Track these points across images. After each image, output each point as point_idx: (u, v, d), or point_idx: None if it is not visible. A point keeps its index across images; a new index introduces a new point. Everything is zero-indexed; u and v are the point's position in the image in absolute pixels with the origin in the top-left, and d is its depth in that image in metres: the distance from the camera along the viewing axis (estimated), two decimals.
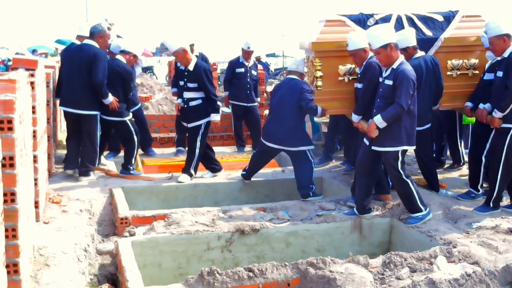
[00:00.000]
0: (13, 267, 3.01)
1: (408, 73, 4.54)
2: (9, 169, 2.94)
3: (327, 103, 5.40)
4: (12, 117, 2.93)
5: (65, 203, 5.02)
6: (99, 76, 5.65)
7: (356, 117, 5.03)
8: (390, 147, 4.65)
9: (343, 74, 5.33)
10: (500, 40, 4.81)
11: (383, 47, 4.56)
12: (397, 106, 4.52)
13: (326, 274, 3.57)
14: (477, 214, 4.92)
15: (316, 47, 5.25)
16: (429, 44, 5.48)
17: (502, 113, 4.76)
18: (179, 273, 4.37)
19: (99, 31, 5.83)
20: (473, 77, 5.60)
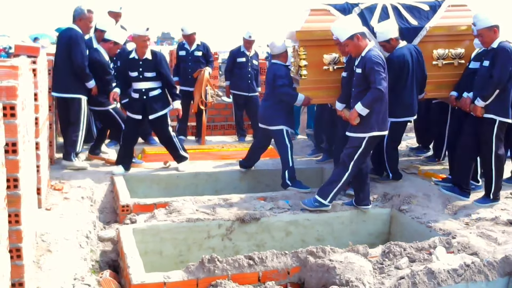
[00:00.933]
0: (16, 252, 3.02)
1: (375, 57, 4.56)
2: (12, 155, 2.95)
3: (312, 92, 5.40)
4: (14, 104, 2.94)
5: (67, 190, 5.04)
6: (77, 59, 5.63)
7: (339, 105, 5.01)
8: (358, 132, 4.69)
9: (327, 63, 5.31)
10: (491, 31, 4.80)
11: (350, 38, 4.61)
12: (375, 91, 4.55)
13: (326, 262, 3.60)
14: (477, 206, 4.94)
15: (301, 36, 5.24)
16: (414, 34, 5.47)
17: (484, 102, 4.79)
18: (180, 260, 4.41)
19: (78, 14, 5.77)
20: (459, 66, 5.59)
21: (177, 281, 3.39)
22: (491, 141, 4.85)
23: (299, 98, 5.39)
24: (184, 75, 7.69)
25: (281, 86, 5.40)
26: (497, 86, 4.72)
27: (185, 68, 7.67)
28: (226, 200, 5.07)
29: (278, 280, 3.64)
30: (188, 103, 7.75)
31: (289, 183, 5.47)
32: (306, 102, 5.51)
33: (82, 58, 5.67)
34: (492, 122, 4.84)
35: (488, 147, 4.88)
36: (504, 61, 4.68)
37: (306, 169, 6.32)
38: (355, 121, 4.66)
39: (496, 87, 4.72)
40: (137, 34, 5.59)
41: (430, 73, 5.47)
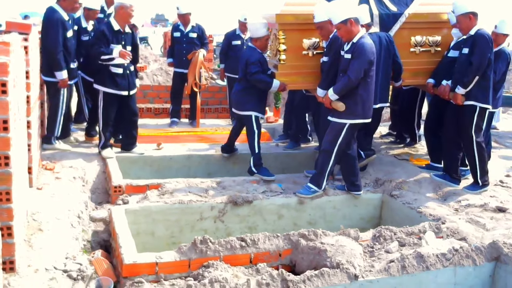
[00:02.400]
0: (7, 230, 3.02)
1: (367, 46, 4.52)
2: (3, 133, 2.93)
3: (290, 77, 5.27)
4: (6, 80, 2.90)
5: (58, 170, 5.01)
6: (49, 42, 5.38)
7: (321, 91, 4.92)
8: (338, 118, 4.68)
9: (307, 48, 5.20)
10: (466, 18, 4.81)
11: (343, 22, 4.52)
12: (346, 78, 4.54)
13: (317, 245, 3.63)
14: (467, 192, 4.98)
15: (280, 19, 5.10)
16: (393, 20, 5.44)
17: (465, 89, 4.82)
18: (172, 241, 4.42)
19: None
20: (436, 54, 5.60)
21: (169, 261, 3.40)
22: (471, 129, 4.87)
23: (274, 84, 5.26)
24: (178, 56, 7.62)
25: (254, 74, 5.25)
26: (477, 72, 4.74)
27: (180, 50, 7.60)
28: (219, 183, 5.07)
29: (269, 262, 3.67)
30: (182, 85, 7.70)
31: (255, 170, 5.36)
32: (281, 88, 5.36)
33: (55, 42, 5.37)
34: (472, 110, 4.86)
35: (467, 135, 4.91)
36: (483, 47, 4.71)
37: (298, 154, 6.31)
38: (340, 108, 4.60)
39: (476, 74, 4.75)
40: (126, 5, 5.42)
41: (407, 60, 5.44)
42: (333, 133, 4.72)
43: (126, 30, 5.57)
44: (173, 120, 7.75)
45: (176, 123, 7.71)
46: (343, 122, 4.67)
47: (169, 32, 11.76)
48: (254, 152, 5.42)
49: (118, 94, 5.54)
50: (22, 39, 4.16)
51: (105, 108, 5.56)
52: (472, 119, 4.88)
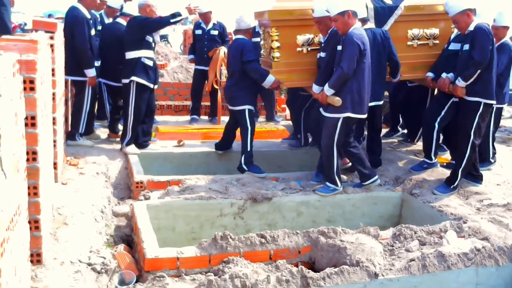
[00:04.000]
0: (34, 223, 3.10)
1: (355, 37, 4.43)
2: (31, 129, 3.00)
3: (285, 75, 5.17)
4: (34, 77, 2.97)
5: (82, 166, 5.12)
6: (80, 40, 5.51)
7: (316, 88, 4.81)
8: (332, 113, 4.61)
9: (301, 44, 5.09)
10: (464, 15, 4.71)
11: (341, 14, 4.45)
12: (339, 70, 4.47)
13: (337, 243, 3.64)
14: (437, 194, 4.86)
15: (273, 16, 4.99)
16: (389, 13, 5.33)
17: (465, 82, 4.71)
18: (192, 237, 4.48)
19: None
20: (434, 47, 5.48)
21: (190, 257, 3.45)
22: (471, 128, 4.74)
23: (268, 79, 5.18)
24: (200, 54, 7.69)
25: (251, 62, 5.16)
26: (478, 66, 4.62)
27: (201, 47, 7.66)
28: (238, 180, 5.11)
29: (289, 258, 3.70)
30: (203, 82, 7.76)
31: (245, 167, 5.32)
32: (275, 85, 5.27)
33: (83, 40, 5.54)
34: (475, 108, 4.72)
35: (466, 134, 4.78)
36: (483, 41, 4.59)
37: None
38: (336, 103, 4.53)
39: (478, 67, 4.62)
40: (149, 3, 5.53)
41: (405, 53, 5.35)
42: (329, 130, 4.67)
43: None
44: (193, 117, 7.81)
45: (196, 120, 7.77)
46: (336, 117, 4.59)
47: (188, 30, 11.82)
48: (246, 149, 5.35)
49: (149, 86, 5.62)
50: (48, 37, 4.25)
51: (137, 102, 5.60)
52: (473, 119, 4.74)
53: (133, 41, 5.54)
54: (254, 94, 5.48)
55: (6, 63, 2.30)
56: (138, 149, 5.71)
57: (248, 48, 5.26)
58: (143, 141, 5.86)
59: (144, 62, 5.55)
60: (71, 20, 5.56)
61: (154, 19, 5.55)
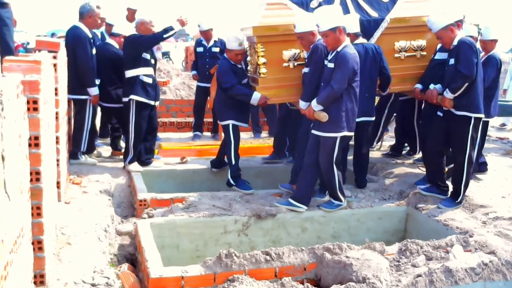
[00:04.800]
0: (38, 244, 3.08)
1: (349, 55, 4.41)
2: (34, 149, 3.00)
3: (273, 91, 5.14)
4: (37, 98, 2.98)
5: (85, 184, 5.11)
6: (79, 60, 5.53)
7: (303, 104, 4.78)
8: (330, 132, 4.57)
9: (287, 59, 5.05)
10: (447, 31, 4.71)
11: (332, 29, 4.43)
12: (329, 88, 4.44)
13: (343, 259, 3.61)
14: (442, 208, 4.81)
15: (258, 32, 4.96)
16: (375, 26, 5.33)
17: (453, 94, 4.69)
18: (196, 255, 4.45)
19: (88, 11, 5.68)
20: (421, 58, 5.48)
21: (194, 275, 3.42)
22: (466, 141, 4.71)
23: (254, 97, 5.13)
24: (201, 71, 7.73)
25: (231, 88, 5.18)
26: (466, 79, 4.61)
27: (203, 64, 7.71)
28: (242, 196, 5.09)
29: (294, 276, 3.66)
30: (205, 99, 7.79)
31: (232, 182, 5.28)
32: (262, 102, 5.19)
33: (86, 59, 5.58)
34: (467, 122, 4.70)
35: (462, 149, 4.74)
36: (467, 54, 4.59)
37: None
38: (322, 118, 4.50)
39: (465, 81, 4.61)
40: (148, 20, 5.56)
41: (392, 66, 5.33)
42: (327, 150, 4.61)
43: None
44: (195, 133, 7.82)
45: (198, 137, 7.78)
46: (334, 136, 4.56)
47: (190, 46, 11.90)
48: (231, 163, 5.33)
49: (149, 103, 5.63)
50: (52, 57, 4.27)
51: (137, 120, 5.60)
52: (467, 132, 4.71)
53: (130, 60, 5.55)
54: (240, 109, 5.39)
55: (9, 85, 2.31)
56: (141, 167, 5.70)
57: (224, 74, 5.25)
58: (145, 158, 5.86)
59: (143, 80, 5.55)
60: (72, 40, 5.60)
61: (147, 36, 5.54)
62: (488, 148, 7.60)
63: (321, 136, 4.62)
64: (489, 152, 7.28)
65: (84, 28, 5.65)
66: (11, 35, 5.93)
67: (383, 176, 5.88)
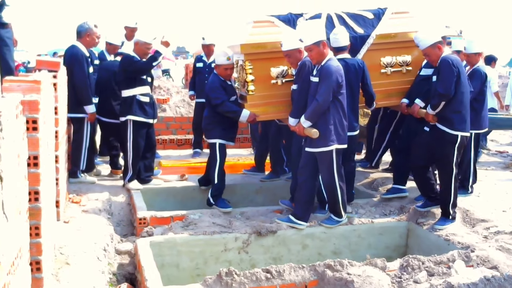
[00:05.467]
0: (36, 265, 3.05)
1: (333, 68, 4.43)
2: (33, 168, 2.99)
3: (261, 108, 5.14)
4: (37, 117, 2.99)
5: (85, 203, 5.10)
6: (75, 78, 5.53)
7: (292, 120, 4.78)
8: (322, 147, 4.55)
9: (275, 76, 5.09)
10: (435, 49, 4.74)
11: (316, 44, 4.45)
12: (315, 102, 4.45)
13: (344, 276, 3.58)
14: (437, 228, 4.76)
15: (246, 50, 5.00)
16: (361, 42, 5.38)
17: (433, 111, 4.72)
18: (197, 273, 4.42)
19: (86, 30, 5.70)
20: (407, 73, 5.53)
21: None
22: (452, 161, 4.69)
23: (243, 114, 5.13)
24: (200, 86, 7.74)
25: (220, 105, 5.16)
26: (442, 98, 4.63)
27: (201, 80, 7.73)
28: (242, 213, 5.07)
29: None
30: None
31: (212, 201, 5.24)
32: (251, 119, 5.19)
33: (83, 77, 5.58)
34: (453, 141, 4.68)
35: (449, 168, 4.73)
36: (446, 72, 4.61)
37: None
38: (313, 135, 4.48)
39: (441, 99, 4.64)
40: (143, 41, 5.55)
41: (379, 81, 5.39)
42: (325, 165, 4.61)
43: None
44: (195, 150, 7.83)
45: (198, 154, 7.78)
46: (328, 150, 4.54)
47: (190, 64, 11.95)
48: (214, 181, 5.29)
49: (147, 122, 5.63)
50: (52, 76, 4.30)
51: (135, 139, 5.59)
52: (452, 151, 4.70)
53: (125, 80, 5.56)
54: (228, 128, 5.37)
55: (9, 106, 2.32)
56: (140, 185, 5.69)
57: (214, 90, 5.22)
58: (145, 176, 5.85)
59: (140, 100, 5.55)
60: (70, 58, 5.63)
61: (137, 64, 5.51)
62: (488, 162, 7.60)
63: (316, 152, 4.61)
64: (489, 166, 7.28)
65: (81, 47, 5.70)
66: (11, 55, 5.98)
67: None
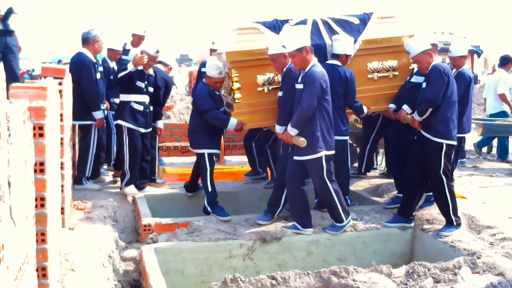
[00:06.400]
0: (42, 271, 3.05)
1: (317, 74, 4.37)
2: (39, 175, 3.01)
3: (248, 116, 5.08)
4: (43, 124, 3.00)
5: (90, 210, 5.10)
6: (83, 85, 5.55)
7: (279, 128, 4.73)
8: (309, 154, 4.51)
9: (262, 84, 5.02)
10: (426, 55, 4.74)
11: (299, 50, 4.39)
12: (299, 109, 4.39)
13: (349, 283, 3.56)
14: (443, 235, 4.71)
15: (231, 57, 4.92)
16: None
17: (420, 117, 4.72)
18: (201, 280, 4.41)
19: (92, 37, 5.72)
20: (394, 78, 5.50)
21: None
22: (439, 169, 4.66)
23: (231, 123, 5.05)
24: None
25: (208, 111, 5.08)
26: (430, 104, 4.62)
27: None
28: (247, 220, 5.06)
29: None
30: None
31: (209, 209, 5.17)
32: (239, 127, 5.11)
33: (91, 83, 5.62)
34: (439, 148, 4.65)
35: (437, 176, 4.70)
36: (436, 80, 4.61)
37: None
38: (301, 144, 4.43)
39: (429, 105, 4.63)
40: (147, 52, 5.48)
41: (366, 87, 5.38)
42: (316, 173, 4.58)
43: (150, 72, 5.70)
44: None
45: None
46: (318, 157, 4.50)
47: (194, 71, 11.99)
48: (208, 190, 5.23)
49: (137, 130, 5.59)
50: (57, 83, 4.32)
51: (131, 143, 5.57)
52: (439, 159, 4.67)
53: (124, 84, 5.53)
54: (215, 137, 5.34)
55: (16, 111, 2.34)
56: (137, 190, 5.68)
57: (202, 97, 5.16)
58: (139, 183, 5.83)
59: (133, 107, 5.51)
60: (77, 65, 5.66)
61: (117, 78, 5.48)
62: (493, 169, 7.58)
63: (305, 160, 4.57)
64: (494, 173, 7.26)
65: (88, 54, 5.72)
66: (17, 62, 6.02)
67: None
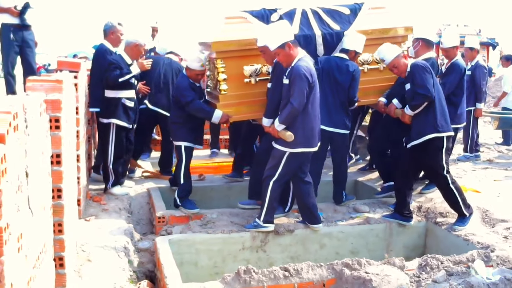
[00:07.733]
0: (59, 261, 3.13)
1: (301, 69, 4.21)
2: (56, 166, 3.07)
3: (234, 108, 4.92)
4: (59, 116, 3.06)
5: (105, 202, 5.17)
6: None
7: (266, 121, 4.57)
8: (282, 146, 4.39)
9: (249, 75, 4.84)
10: (401, 58, 4.73)
11: (281, 47, 4.24)
12: (289, 106, 4.24)
13: (362, 275, 3.58)
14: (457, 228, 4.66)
15: (218, 47, 4.73)
16: (337, 39, 5.17)
17: (412, 112, 4.68)
18: (215, 271, 4.45)
19: (109, 28, 5.63)
20: (384, 71, 5.36)
21: None
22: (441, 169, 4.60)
23: (215, 115, 4.92)
24: None
25: (191, 102, 4.95)
26: (425, 99, 4.57)
27: None
28: None
29: None
30: None
31: (178, 202, 5.07)
32: (224, 120, 4.99)
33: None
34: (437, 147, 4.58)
35: (440, 176, 4.65)
36: (422, 76, 4.56)
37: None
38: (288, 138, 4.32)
39: (425, 100, 4.57)
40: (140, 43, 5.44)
41: None
42: (274, 161, 4.47)
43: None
44: (213, 151, 7.86)
45: (216, 154, 7.82)
46: (282, 150, 4.40)
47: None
48: (180, 182, 5.17)
49: (128, 127, 5.45)
50: (73, 76, 4.38)
51: (117, 143, 5.38)
52: (441, 157, 4.60)
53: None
54: (195, 130, 5.24)
55: (33, 103, 2.39)
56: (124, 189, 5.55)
57: (184, 89, 5.04)
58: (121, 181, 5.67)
59: (125, 104, 5.35)
60: (95, 55, 5.62)
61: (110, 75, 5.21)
62: (508, 163, 7.49)
63: (274, 147, 4.47)
64: (509, 166, 7.18)
65: (108, 45, 5.69)
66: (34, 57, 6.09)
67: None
